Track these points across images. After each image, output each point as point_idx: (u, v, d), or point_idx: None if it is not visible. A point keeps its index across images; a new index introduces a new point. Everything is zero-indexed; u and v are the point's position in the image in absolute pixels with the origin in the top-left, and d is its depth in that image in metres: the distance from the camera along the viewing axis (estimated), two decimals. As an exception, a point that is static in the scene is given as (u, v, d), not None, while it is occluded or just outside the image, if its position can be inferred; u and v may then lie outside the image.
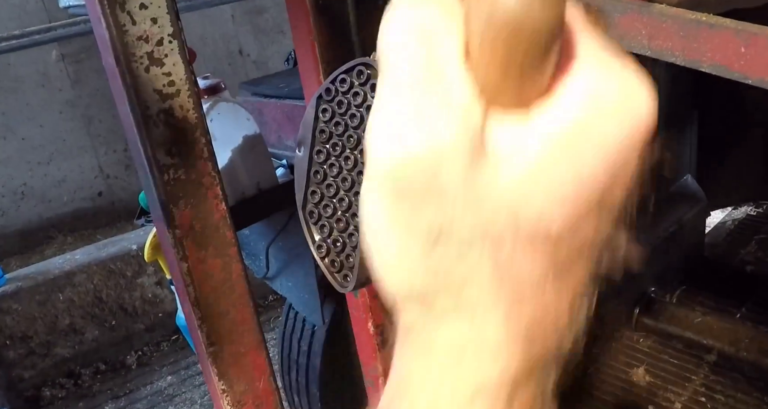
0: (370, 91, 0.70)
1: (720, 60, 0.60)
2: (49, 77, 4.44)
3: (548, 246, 0.31)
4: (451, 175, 0.30)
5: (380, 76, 0.34)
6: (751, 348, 1.78)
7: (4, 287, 3.29)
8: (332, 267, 0.76)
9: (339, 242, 0.75)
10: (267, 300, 3.82)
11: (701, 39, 0.60)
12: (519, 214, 0.30)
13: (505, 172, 0.30)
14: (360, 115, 0.70)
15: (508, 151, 0.30)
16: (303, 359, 2.12)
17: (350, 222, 0.74)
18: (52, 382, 3.39)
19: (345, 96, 0.71)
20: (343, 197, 0.74)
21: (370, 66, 0.69)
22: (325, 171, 0.75)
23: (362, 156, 0.70)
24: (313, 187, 0.76)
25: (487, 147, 0.30)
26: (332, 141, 0.73)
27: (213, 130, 1.17)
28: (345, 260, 0.75)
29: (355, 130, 0.72)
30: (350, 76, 0.70)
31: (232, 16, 5.11)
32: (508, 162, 0.30)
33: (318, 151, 0.75)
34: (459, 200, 0.30)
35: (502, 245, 0.31)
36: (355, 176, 0.73)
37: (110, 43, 0.97)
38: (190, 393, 3.23)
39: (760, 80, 0.57)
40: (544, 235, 0.31)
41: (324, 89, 0.73)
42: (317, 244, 0.77)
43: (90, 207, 4.68)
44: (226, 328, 1.21)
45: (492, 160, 0.30)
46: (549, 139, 0.30)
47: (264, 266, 1.95)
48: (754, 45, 0.57)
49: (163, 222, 1.10)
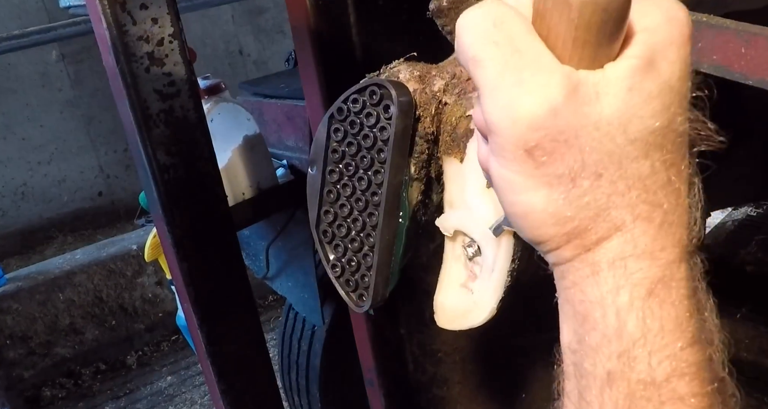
0: (383, 112, 0.68)
1: (720, 60, 0.60)
2: (49, 77, 4.44)
3: (657, 144, 0.38)
4: (568, 121, 0.37)
5: (473, 70, 0.40)
6: (751, 348, 1.78)
7: (4, 287, 3.29)
8: (347, 286, 0.75)
9: (353, 262, 0.74)
10: (267, 300, 3.82)
11: (701, 39, 0.60)
12: (627, 128, 0.38)
13: (607, 104, 0.38)
14: (373, 136, 0.69)
15: (603, 90, 0.38)
16: (303, 359, 2.12)
17: (365, 242, 0.73)
18: (52, 382, 3.39)
19: (357, 116, 0.70)
20: (357, 218, 0.73)
21: (382, 87, 0.68)
22: (338, 191, 0.74)
23: (376, 177, 0.70)
24: (327, 206, 0.75)
25: (585, 92, 0.38)
26: (345, 161, 0.72)
27: (213, 130, 1.17)
28: (360, 279, 0.74)
29: (368, 150, 0.70)
30: (362, 96, 0.69)
31: (232, 16, 5.11)
32: (606, 96, 0.38)
33: (331, 171, 0.74)
34: (581, 138, 0.38)
35: (624, 159, 0.38)
36: (369, 197, 0.72)
37: (110, 43, 0.97)
38: (190, 393, 3.23)
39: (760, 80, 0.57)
40: (650, 134, 0.38)
41: (336, 109, 0.71)
42: (332, 263, 0.75)
43: (90, 207, 4.68)
44: (226, 328, 1.21)
45: (594, 99, 0.38)
46: (630, 68, 0.38)
47: (264, 266, 1.95)
48: (754, 45, 0.57)
49: (163, 222, 1.10)
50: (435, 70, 0.72)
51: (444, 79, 0.70)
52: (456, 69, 0.71)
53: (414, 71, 0.72)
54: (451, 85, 0.70)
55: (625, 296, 0.39)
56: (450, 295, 0.72)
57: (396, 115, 0.67)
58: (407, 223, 0.72)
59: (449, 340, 1.28)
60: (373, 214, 0.72)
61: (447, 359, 1.29)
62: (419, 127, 0.70)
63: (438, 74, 0.71)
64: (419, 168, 0.71)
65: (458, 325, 0.71)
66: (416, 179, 0.72)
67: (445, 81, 0.70)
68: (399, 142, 0.68)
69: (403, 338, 1.19)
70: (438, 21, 0.82)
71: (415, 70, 0.72)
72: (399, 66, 0.73)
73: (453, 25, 0.82)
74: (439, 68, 0.72)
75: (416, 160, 0.71)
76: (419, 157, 0.71)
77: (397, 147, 0.68)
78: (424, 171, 0.72)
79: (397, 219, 0.71)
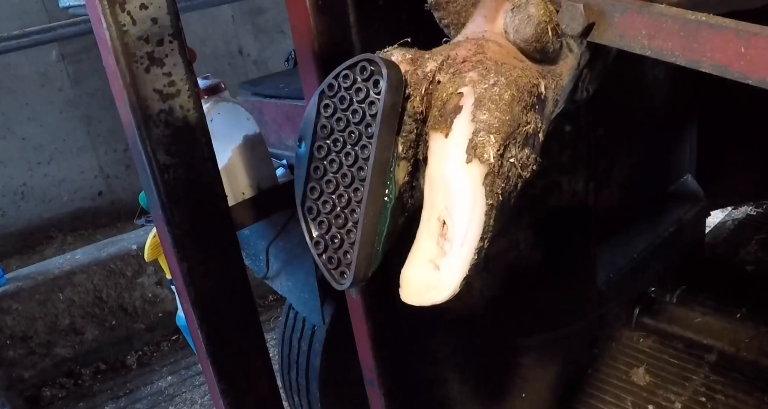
0: (372, 87, 0.69)
1: (720, 60, 0.60)
2: (49, 77, 4.44)
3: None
4: None
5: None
6: (751, 348, 1.78)
7: (4, 287, 3.29)
8: (329, 264, 0.75)
9: (337, 239, 0.74)
10: (267, 300, 3.82)
11: (701, 39, 0.60)
12: None
13: None
14: (362, 111, 0.69)
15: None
16: (303, 359, 2.12)
17: (348, 218, 0.73)
18: (52, 382, 3.39)
19: (347, 92, 0.70)
20: (342, 193, 0.73)
21: (373, 62, 0.68)
22: (325, 167, 0.74)
23: (363, 152, 0.70)
24: (313, 183, 0.75)
25: None
26: (333, 136, 0.72)
27: (213, 130, 1.17)
28: (342, 256, 0.74)
29: (356, 125, 0.71)
30: (353, 72, 0.70)
31: (232, 16, 5.11)
32: None
33: (319, 147, 0.74)
34: None
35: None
36: (356, 172, 0.72)
37: (110, 43, 0.97)
38: (190, 393, 3.23)
39: (760, 80, 0.57)
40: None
41: (327, 85, 0.72)
42: (315, 240, 0.76)
43: (90, 207, 4.68)
44: (226, 328, 1.21)
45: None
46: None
47: (264, 266, 1.95)
48: (754, 45, 0.57)
49: (163, 222, 1.10)
50: (428, 54, 0.73)
51: (436, 61, 0.71)
52: (450, 52, 0.71)
53: (406, 54, 0.72)
54: (446, 65, 0.70)
55: None
56: (417, 270, 0.72)
57: (385, 89, 0.67)
58: (393, 202, 0.72)
59: (449, 340, 1.28)
60: (359, 189, 0.72)
61: (447, 359, 1.29)
62: (408, 107, 0.70)
63: (431, 57, 0.71)
64: (407, 147, 0.71)
65: (421, 300, 0.71)
66: (403, 158, 0.72)
67: (437, 62, 0.70)
68: (387, 118, 0.68)
69: (403, 338, 1.19)
70: (436, 14, 0.82)
71: (408, 53, 0.72)
72: (392, 50, 0.74)
73: (450, 18, 0.82)
74: (432, 52, 0.73)
75: (404, 139, 0.71)
76: (407, 136, 0.71)
77: (385, 122, 0.68)
78: (412, 151, 0.72)
79: (382, 196, 0.71)
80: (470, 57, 0.70)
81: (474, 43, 0.72)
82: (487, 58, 0.70)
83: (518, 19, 0.73)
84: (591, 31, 0.69)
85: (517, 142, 0.67)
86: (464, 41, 0.74)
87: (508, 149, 0.66)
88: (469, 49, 0.71)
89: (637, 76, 1.81)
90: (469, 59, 0.70)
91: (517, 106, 0.66)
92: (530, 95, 0.68)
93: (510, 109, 0.66)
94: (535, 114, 0.69)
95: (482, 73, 0.67)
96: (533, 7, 0.72)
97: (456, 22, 0.81)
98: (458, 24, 0.81)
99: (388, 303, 1.13)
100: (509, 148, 0.66)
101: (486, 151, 0.65)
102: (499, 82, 0.66)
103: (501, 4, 0.77)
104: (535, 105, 0.69)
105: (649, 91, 1.88)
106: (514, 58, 0.72)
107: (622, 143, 1.79)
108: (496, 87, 0.66)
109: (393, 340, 1.19)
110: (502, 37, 0.75)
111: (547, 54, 0.75)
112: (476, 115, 0.65)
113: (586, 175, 1.55)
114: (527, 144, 0.68)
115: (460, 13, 0.80)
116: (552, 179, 1.47)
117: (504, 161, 0.66)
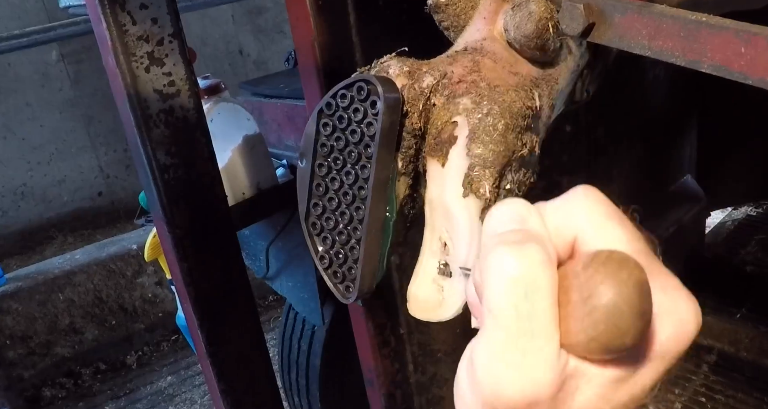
0: (370, 108, 0.69)
1: (720, 60, 0.60)
2: (49, 77, 4.44)
3: None
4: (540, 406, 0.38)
5: (485, 313, 0.39)
6: (751, 348, 1.78)
7: (4, 287, 3.29)
8: (335, 278, 0.76)
9: (341, 254, 0.75)
10: (267, 300, 3.82)
11: (701, 39, 0.60)
12: None
13: (579, 398, 0.39)
14: (360, 132, 0.70)
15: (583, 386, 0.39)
16: (303, 359, 2.12)
17: (351, 235, 0.73)
18: (52, 382, 3.39)
19: (345, 111, 0.71)
20: (345, 211, 0.74)
21: (370, 83, 0.68)
22: (327, 184, 0.75)
23: (362, 172, 0.70)
24: (316, 199, 0.76)
25: (568, 385, 0.39)
26: (333, 155, 0.73)
27: (213, 130, 1.17)
28: (347, 271, 0.75)
29: (355, 145, 0.71)
30: (350, 92, 0.70)
31: (232, 16, 5.11)
32: (581, 393, 0.39)
33: (320, 165, 0.74)
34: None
35: None
36: (356, 191, 0.72)
37: (110, 43, 0.97)
38: (190, 393, 3.23)
39: (760, 80, 0.57)
40: None
41: (325, 103, 0.72)
42: (320, 255, 0.76)
43: (90, 207, 4.68)
44: (226, 328, 1.21)
45: (572, 392, 0.39)
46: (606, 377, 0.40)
47: (264, 266, 1.95)
48: (754, 45, 0.57)
49: (163, 222, 1.10)
50: (426, 66, 0.72)
51: (434, 77, 0.71)
52: (447, 68, 0.71)
53: (404, 67, 0.72)
54: (441, 86, 0.70)
55: None
56: (422, 287, 0.73)
57: (382, 111, 0.67)
58: (394, 217, 0.73)
59: (449, 340, 1.28)
60: (360, 208, 0.73)
61: (447, 359, 1.29)
62: (406, 123, 0.70)
63: (428, 71, 0.71)
64: (406, 163, 0.72)
65: (427, 317, 0.73)
66: (403, 174, 0.72)
67: (435, 79, 0.70)
68: (385, 138, 0.68)
69: (403, 338, 1.19)
70: (436, 16, 0.82)
71: (405, 65, 0.72)
72: (390, 61, 0.74)
73: (450, 20, 0.82)
74: (430, 65, 0.73)
75: (403, 155, 0.71)
76: (406, 152, 0.71)
77: (383, 143, 0.69)
78: (412, 166, 0.72)
79: (383, 213, 0.72)
80: (465, 77, 0.70)
81: (470, 60, 0.72)
82: (481, 79, 0.70)
83: (519, 16, 0.73)
84: (591, 31, 0.69)
85: (513, 167, 0.68)
86: (461, 55, 0.74)
87: (504, 177, 0.67)
88: (465, 67, 0.71)
89: (637, 76, 1.81)
90: (464, 79, 0.70)
91: (510, 133, 0.67)
92: (524, 119, 0.69)
93: (504, 139, 0.67)
94: (531, 134, 0.70)
95: (476, 100, 0.68)
96: (534, 5, 0.72)
97: (456, 25, 0.81)
98: (458, 26, 0.81)
99: (388, 303, 1.13)
100: (505, 176, 0.68)
101: (482, 186, 0.66)
102: (493, 110, 0.67)
103: (500, 5, 0.77)
104: (530, 126, 0.70)
105: (649, 91, 1.89)
106: (509, 73, 0.72)
107: (622, 143, 1.79)
108: (489, 116, 0.67)
109: (393, 340, 1.18)
110: (500, 44, 0.75)
111: (547, 53, 0.75)
112: (471, 149, 0.66)
113: (586, 175, 1.55)
114: (523, 165, 0.69)
115: (460, 15, 0.80)
116: (552, 179, 1.47)
117: (500, 190, 0.68)
